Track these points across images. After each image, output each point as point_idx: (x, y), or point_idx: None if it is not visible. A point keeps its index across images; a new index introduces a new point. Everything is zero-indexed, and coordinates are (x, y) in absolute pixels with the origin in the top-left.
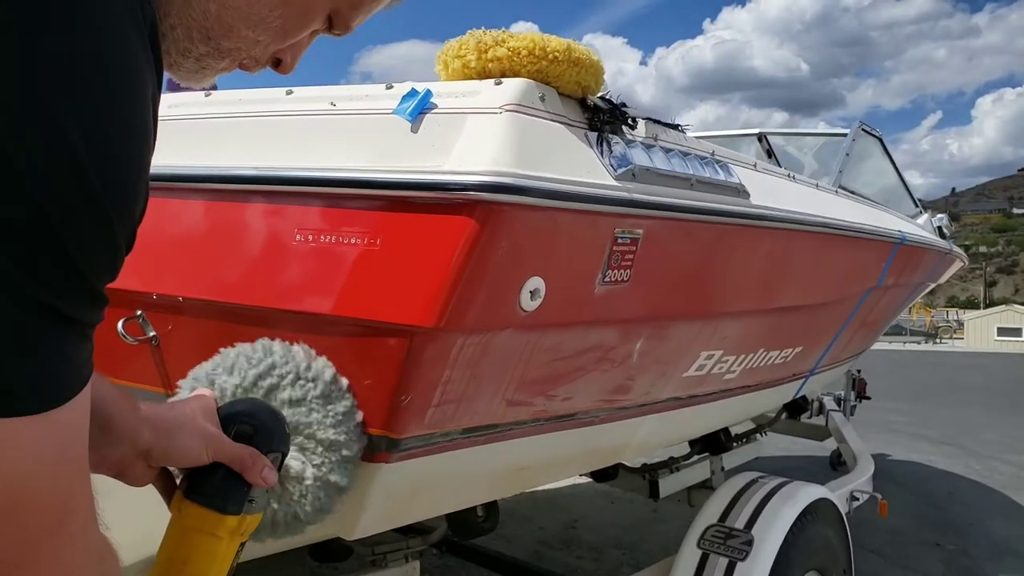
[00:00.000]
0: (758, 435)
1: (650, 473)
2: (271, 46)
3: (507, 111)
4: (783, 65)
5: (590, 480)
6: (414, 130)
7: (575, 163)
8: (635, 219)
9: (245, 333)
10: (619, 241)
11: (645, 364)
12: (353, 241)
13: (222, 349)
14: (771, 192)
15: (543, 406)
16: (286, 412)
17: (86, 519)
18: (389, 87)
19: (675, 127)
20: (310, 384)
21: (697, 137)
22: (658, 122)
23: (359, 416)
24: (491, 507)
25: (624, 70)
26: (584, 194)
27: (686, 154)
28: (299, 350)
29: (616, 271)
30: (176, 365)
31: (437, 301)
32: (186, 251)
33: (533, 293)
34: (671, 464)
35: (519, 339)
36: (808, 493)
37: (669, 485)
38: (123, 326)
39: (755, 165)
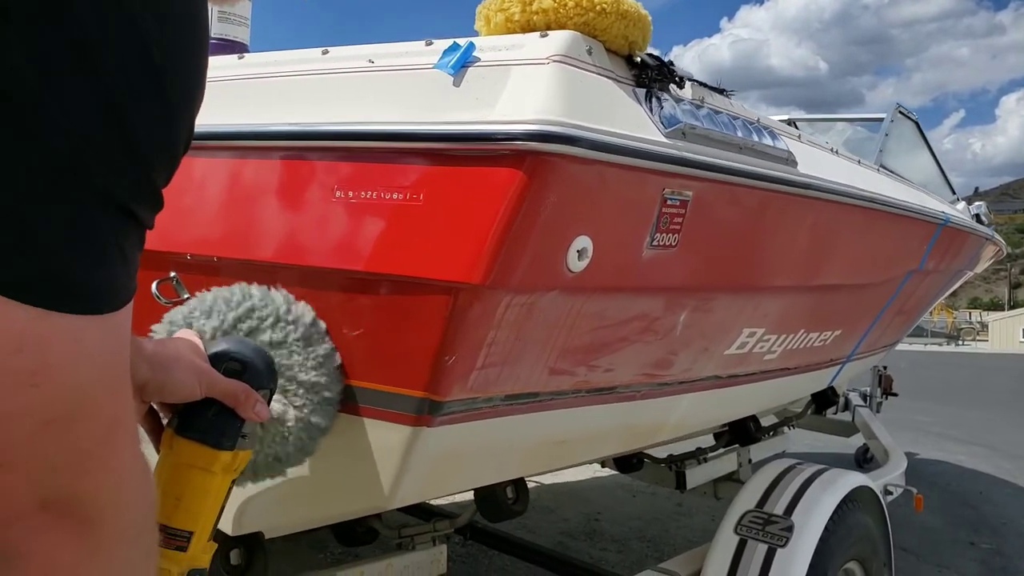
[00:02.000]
0: (785, 428)
1: (677, 464)
2: None
3: (554, 62)
4: (801, 64)
5: (612, 473)
6: (456, 84)
7: (624, 119)
8: (685, 179)
9: None
10: (668, 202)
11: (688, 338)
12: (395, 196)
13: (199, 292)
14: (816, 163)
15: (585, 376)
16: None
17: (132, 432)
18: (429, 43)
19: (721, 91)
20: (290, 326)
21: None
22: (704, 85)
23: (338, 358)
24: (521, 489)
25: None
26: (635, 148)
27: (734, 118)
28: (278, 293)
29: (664, 235)
30: None
31: (483, 257)
32: (221, 211)
33: (581, 253)
34: (698, 455)
35: (565, 302)
36: (849, 480)
37: (696, 476)
38: (157, 288)
39: (799, 136)
